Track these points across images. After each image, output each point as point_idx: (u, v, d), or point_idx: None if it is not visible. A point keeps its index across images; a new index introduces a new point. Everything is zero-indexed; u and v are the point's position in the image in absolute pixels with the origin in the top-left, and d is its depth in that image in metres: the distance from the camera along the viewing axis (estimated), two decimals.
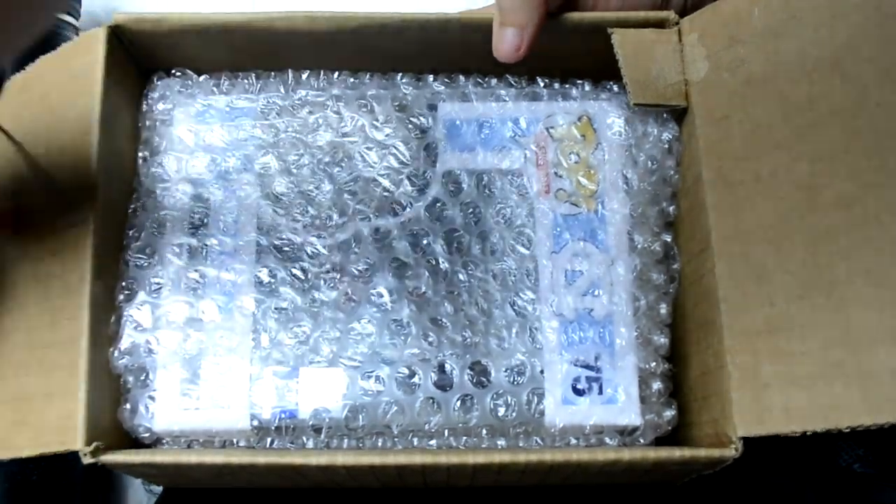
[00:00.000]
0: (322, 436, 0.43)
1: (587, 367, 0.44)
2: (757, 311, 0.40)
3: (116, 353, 0.44)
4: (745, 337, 0.40)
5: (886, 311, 0.35)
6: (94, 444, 0.40)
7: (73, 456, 0.40)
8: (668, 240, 0.46)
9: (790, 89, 0.40)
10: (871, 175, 0.37)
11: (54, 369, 0.40)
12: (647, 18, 0.45)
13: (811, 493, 0.54)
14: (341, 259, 0.45)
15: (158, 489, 0.54)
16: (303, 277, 0.45)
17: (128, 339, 0.44)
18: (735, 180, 0.42)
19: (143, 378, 0.44)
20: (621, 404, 0.43)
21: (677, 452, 0.40)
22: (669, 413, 0.44)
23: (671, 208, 0.47)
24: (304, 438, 0.43)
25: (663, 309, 0.45)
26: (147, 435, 0.43)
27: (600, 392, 0.43)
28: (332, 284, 0.45)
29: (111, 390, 0.44)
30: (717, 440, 0.41)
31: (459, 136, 0.47)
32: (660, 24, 0.45)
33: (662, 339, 0.45)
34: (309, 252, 0.45)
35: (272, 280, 0.45)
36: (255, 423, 0.43)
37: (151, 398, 0.43)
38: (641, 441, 0.43)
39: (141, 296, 0.44)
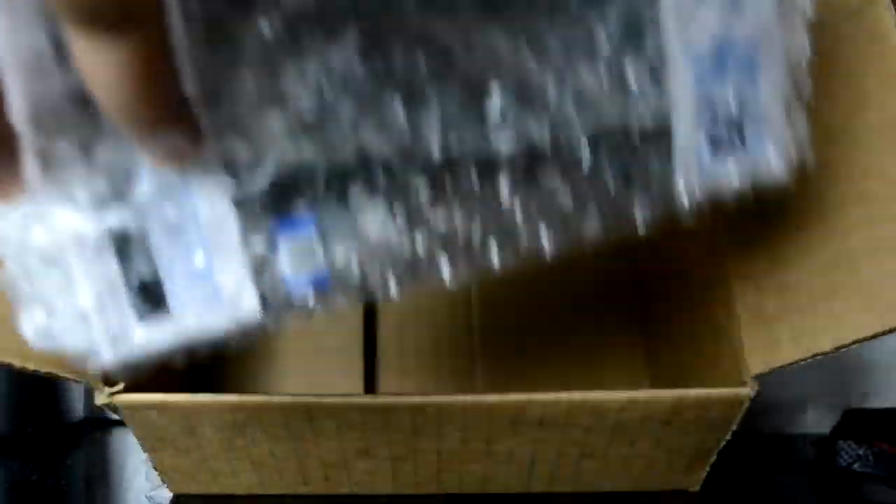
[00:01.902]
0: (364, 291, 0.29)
1: (726, 111, 0.31)
2: (760, 253, 0.39)
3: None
4: (749, 280, 0.40)
5: (878, 225, 0.35)
6: (119, 385, 0.38)
7: (73, 456, 0.38)
8: None
9: None
10: (854, 102, 0.37)
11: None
12: None
13: (811, 493, 0.53)
14: None
15: (160, 498, 0.52)
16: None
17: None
18: None
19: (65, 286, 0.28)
20: (769, 155, 0.32)
21: (692, 392, 0.39)
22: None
23: None
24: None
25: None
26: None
27: (742, 142, 0.32)
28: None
29: None
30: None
31: None
32: None
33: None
34: None
35: None
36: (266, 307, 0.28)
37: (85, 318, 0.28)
38: None
39: None
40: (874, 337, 0.34)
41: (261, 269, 0.28)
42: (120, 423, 0.57)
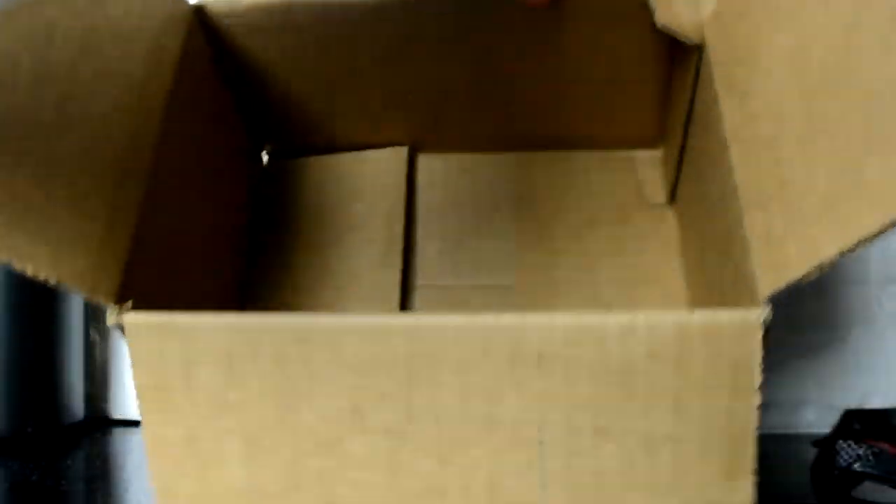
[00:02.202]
0: None
1: None
2: (769, 179, 0.39)
3: None
4: (759, 207, 0.39)
5: (880, 125, 0.34)
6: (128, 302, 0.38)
7: (73, 456, 0.38)
8: None
9: None
10: (852, 19, 0.36)
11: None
12: None
13: (811, 493, 0.53)
14: None
15: None
16: None
17: None
18: (739, 79, 0.43)
19: None
20: None
21: (696, 316, 0.37)
22: None
23: None
24: None
25: None
26: None
27: None
28: None
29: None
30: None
31: None
32: None
33: None
34: None
35: None
36: None
37: None
38: None
39: None
40: (878, 234, 0.32)
41: None
42: (120, 424, 0.57)
